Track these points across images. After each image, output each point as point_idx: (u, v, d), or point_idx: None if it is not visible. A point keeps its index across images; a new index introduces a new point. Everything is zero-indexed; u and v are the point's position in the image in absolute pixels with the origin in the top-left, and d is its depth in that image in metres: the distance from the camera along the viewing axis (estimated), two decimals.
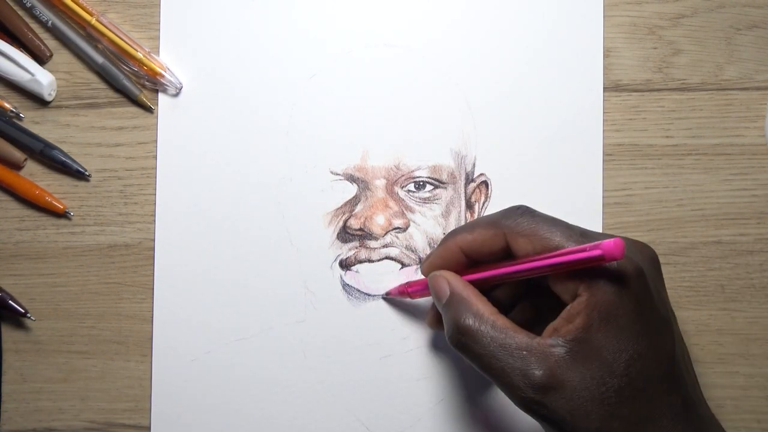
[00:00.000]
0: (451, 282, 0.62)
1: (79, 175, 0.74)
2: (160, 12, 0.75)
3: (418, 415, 0.73)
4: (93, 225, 0.75)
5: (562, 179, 0.73)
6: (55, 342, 0.74)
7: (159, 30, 0.75)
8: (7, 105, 0.74)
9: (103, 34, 0.73)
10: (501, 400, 0.73)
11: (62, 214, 0.74)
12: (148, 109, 0.74)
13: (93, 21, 0.73)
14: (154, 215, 0.74)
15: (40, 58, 0.74)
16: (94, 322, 0.74)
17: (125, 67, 0.74)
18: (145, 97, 0.74)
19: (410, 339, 0.73)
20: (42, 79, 0.73)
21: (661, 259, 0.71)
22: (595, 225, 0.73)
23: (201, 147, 0.74)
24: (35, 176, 0.74)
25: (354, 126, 0.74)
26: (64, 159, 0.74)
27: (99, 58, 0.74)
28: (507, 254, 0.61)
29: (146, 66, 0.73)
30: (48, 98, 0.74)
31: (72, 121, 0.74)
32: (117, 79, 0.74)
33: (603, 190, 0.73)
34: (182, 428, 0.74)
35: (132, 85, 0.74)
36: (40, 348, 0.74)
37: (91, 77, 0.75)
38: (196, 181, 0.74)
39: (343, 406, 0.73)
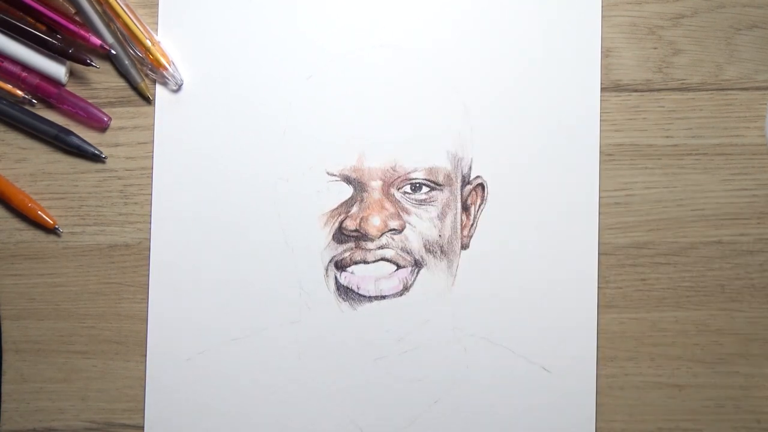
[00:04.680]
0: None
1: (95, 158, 0.74)
2: (158, 11, 0.75)
3: (412, 417, 0.73)
4: (93, 225, 0.75)
5: (559, 181, 0.73)
6: (55, 342, 0.75)
7: (157, 28, 0.75)
8: (19, 92, 0.74)
9: (117, 15, 0.73)
10: (497, 402, 0.73)
11: (52, 230, 0.75)
12: (146, 99, 0.74)
13: None
14: (151, 214, 0.74)
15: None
16: (93, 322, 0.75)
17: (132, 51, 0.74)
18: (145, 86, 0.74)
19: (405, 340, 0.73)
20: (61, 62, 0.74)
21: (661, 259, 0.72)
22: (591, 226, 0.73)
23: (198, 146, 0.74)
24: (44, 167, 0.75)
25: (351, 127, 0.74)
26: (79, 143, 0.74)
27: (109, 38, 0.74)
28: None
29: (152, 55, 0.73)
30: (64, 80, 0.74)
31: (71, 121, 0.75)
32: (122, 61, 0.74)
33: (600, 191, 0.73)
34: (176, 427, 0.74)
35: (136, 71, 0.74)
36: (40, 348, 0.75)
37: (92, 77, 0.75)
38: (192, 180, 0.74)
39: (337, 407, 0.73)
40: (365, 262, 0.73)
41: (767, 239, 0.74)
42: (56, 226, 0.74)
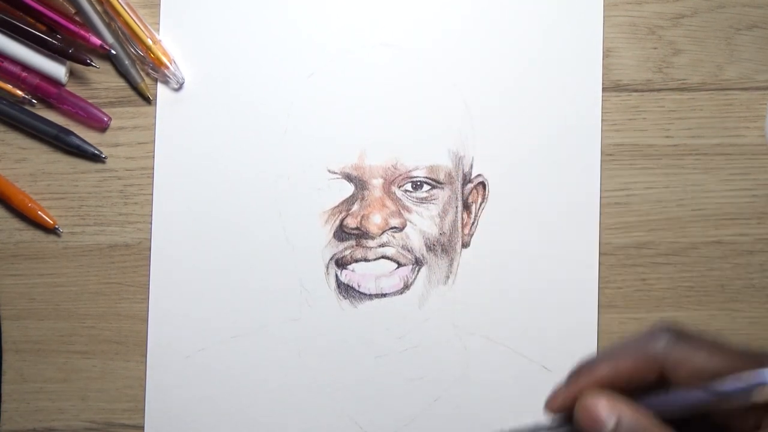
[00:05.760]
0: (620, 410, 0.48)
1: (95, 158, 0.75)
2: (159, 11, 0.75)
3: (412, 415, 0.73)
4: (93, 225, 0.75)
5: (560, 180, 0.73)
6: (55, 342, 0.75)
7: (158, 28, 0.75)
8: (19, 92, 0.74)
9: (118, 13, 0.73)
10: (497, 400, 0.73)
11: (52, 230, 0.75)
12: (146, 99, 0.75)
13: None
14: (152, 213, 0.74)
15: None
16: (93, 322, 0.75)
17: (132, 50, 0.74)
18: (145, 86, 0.74)
19: (405, 338, 0.73)
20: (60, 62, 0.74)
21: (661, 260, 0.72)
22: (592, 225, 0.73)
23: (199, 144, 0.74)
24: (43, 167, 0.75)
25: (352, 125, 0.74)
26: (79, 143, 0.74)
27: (109, 38, 0.74)
28: (659, 384, 0.50)
29: (153, 54, 0.73)
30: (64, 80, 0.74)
31: (71, 121, 0.75)
32: (122, 61, 0.74)
33: (601, 191, 0.73)
34: (176, 427, 0.74)
35: (136, 71, 0.74)
36: (40, 348, 0.75)
37: (92, 77, 0.75)
38: (193, 178, 0.74)
39: (337, 405, 0.73)
40: (366, 260, 0.73)
41: (767, 239, 0.74)
42: (56, 226, 0.74)
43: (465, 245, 0.74)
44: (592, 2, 0.74)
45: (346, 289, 0.73)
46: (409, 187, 0.73)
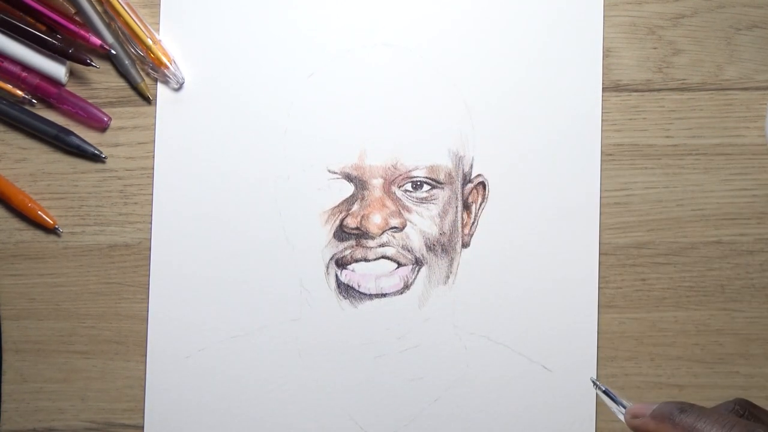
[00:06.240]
0: None
1: (95, 158, 0.74)
2: (159, 11, 0.75)
3: (411, 415, 0.73)
4: (93, 225, 0.75)
5: (560, 180, 0.73)
6: (55, 342, 0.75)
7: (159, 28, 0.75)
8: (19, 92, 0.74)
9: (118, 13, 0.73)
10: (497, 400, 0.73)
11: (52, 230, 0.75)
12: (146, 99, 0.75)
13: None
14: (152, 213, 0.74)
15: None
16: (94, 322, 0.75)
17: (132, 50, 0.74)
18: (145, 86, 0.74)
19: (405, 339, 0.73)
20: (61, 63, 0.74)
21: (661, 260, 0.72)
22: (592, 225, 0.73)
23: (199, 144, 0.74)
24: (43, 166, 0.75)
25: (352, 125, 0.74)
26: (79, 143, 0.74)
27: (109, 38, 0.74)
28: None
29: (153, 54, 0.73)
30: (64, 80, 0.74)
31: (71, 121, 0.75)
32: (122, 61, 0.74)
33: (601, 191, 0.73)
34: (176, 427, 0.74)
35: (136, 71, 0.74)
36: (40, 348, 0.75)
37: (92, 77, 0.75)
38: (193, 178, 0.74)
39: (336, 405, 0.73)
40: (366, 260, 0.73)
41: (767, 239, 0.74)
42: (56, 226, 0.74)
43: (465, 245, 0.74)
44: (592, 2, 0.74)
45: (346, 289, 0.73)
46: (409, 187, 0.73)
